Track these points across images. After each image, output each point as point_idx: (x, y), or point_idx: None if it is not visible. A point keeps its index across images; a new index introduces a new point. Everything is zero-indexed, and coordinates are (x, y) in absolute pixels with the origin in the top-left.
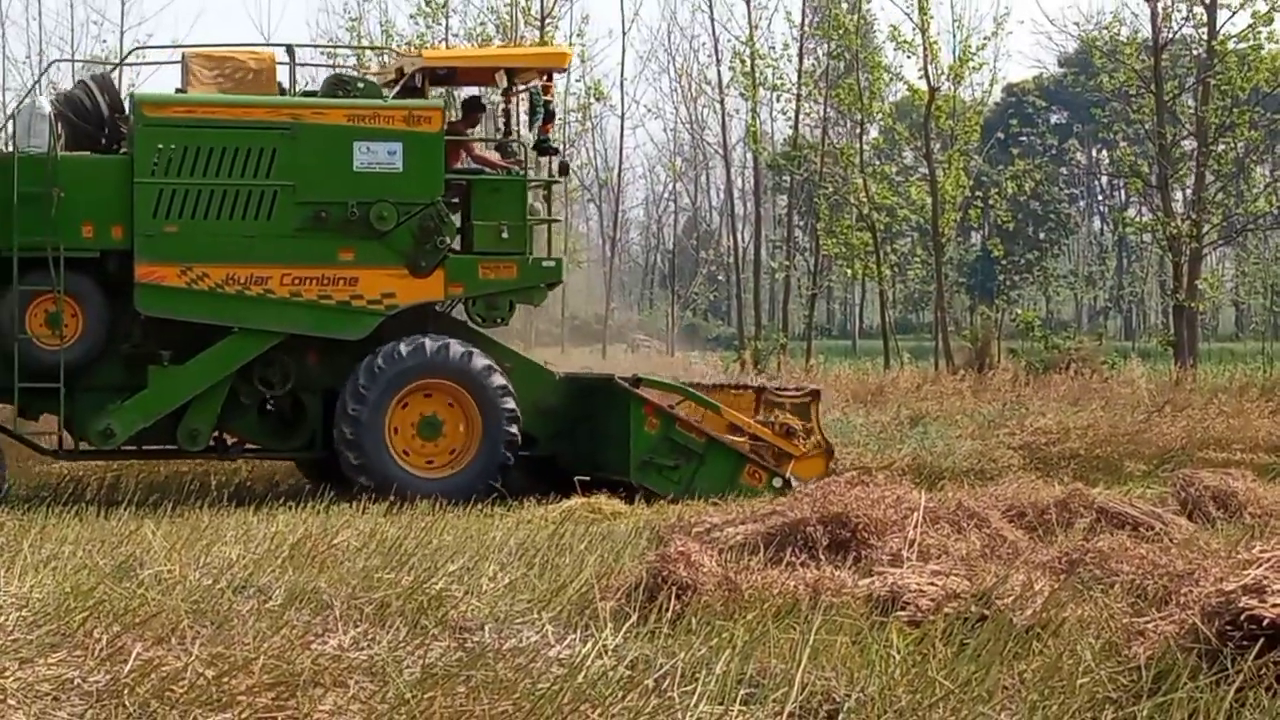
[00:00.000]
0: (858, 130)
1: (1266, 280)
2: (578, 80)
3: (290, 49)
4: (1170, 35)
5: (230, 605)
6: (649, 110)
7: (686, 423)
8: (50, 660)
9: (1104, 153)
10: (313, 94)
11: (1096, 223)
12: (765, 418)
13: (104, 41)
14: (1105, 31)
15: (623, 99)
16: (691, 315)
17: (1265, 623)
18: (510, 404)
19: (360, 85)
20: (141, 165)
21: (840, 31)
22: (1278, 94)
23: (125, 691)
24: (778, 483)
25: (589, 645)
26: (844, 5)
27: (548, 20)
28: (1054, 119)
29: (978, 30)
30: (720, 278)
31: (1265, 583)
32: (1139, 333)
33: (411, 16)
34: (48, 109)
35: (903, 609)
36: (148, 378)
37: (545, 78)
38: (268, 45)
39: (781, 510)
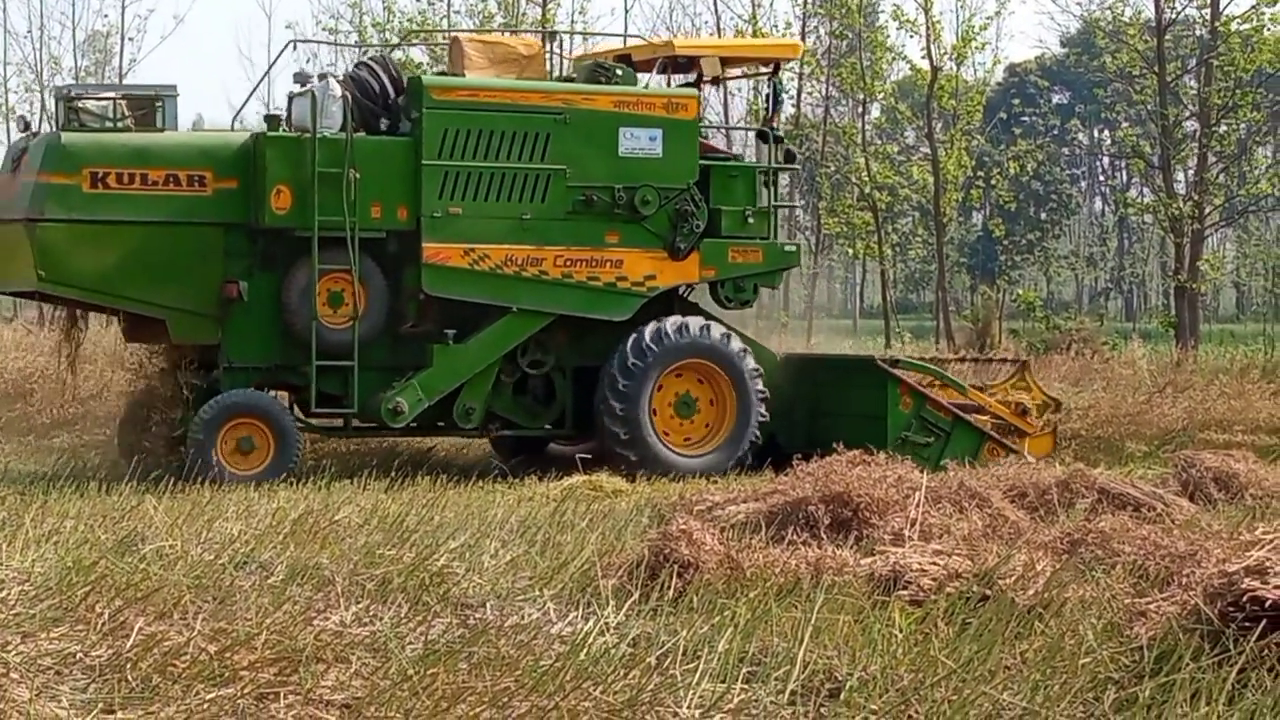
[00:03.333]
0: (860, 109)
1: (1268, 262)
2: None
3: (551, 35)
4: (1173, 16)
5: (232, 581)
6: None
7: (936, 401)
8: (52, 635)
9: (1106, 133)
10: (569, 80)
11: (1098, 203)
12: (1001, 397)
13: (105, 16)
14: (1108, 11)
15: None
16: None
17: (1268, 604)
18: (761, 385)
19: (618, 73)
20: (429, 147)
21: (843, 10)
22: None
23: (127, 666)
24: (1013, 459)
25: (591, 623)
26: None
27: None
28: (1056, 99)
29: (980, 10)
30: None
31: (1267, 564)
32: (1140, 314)
33: None
34: (339, 90)
35: (905, 588)
36: (430, 357)
37: (772, 68)
38: (531, 31)
39: (783, 489)
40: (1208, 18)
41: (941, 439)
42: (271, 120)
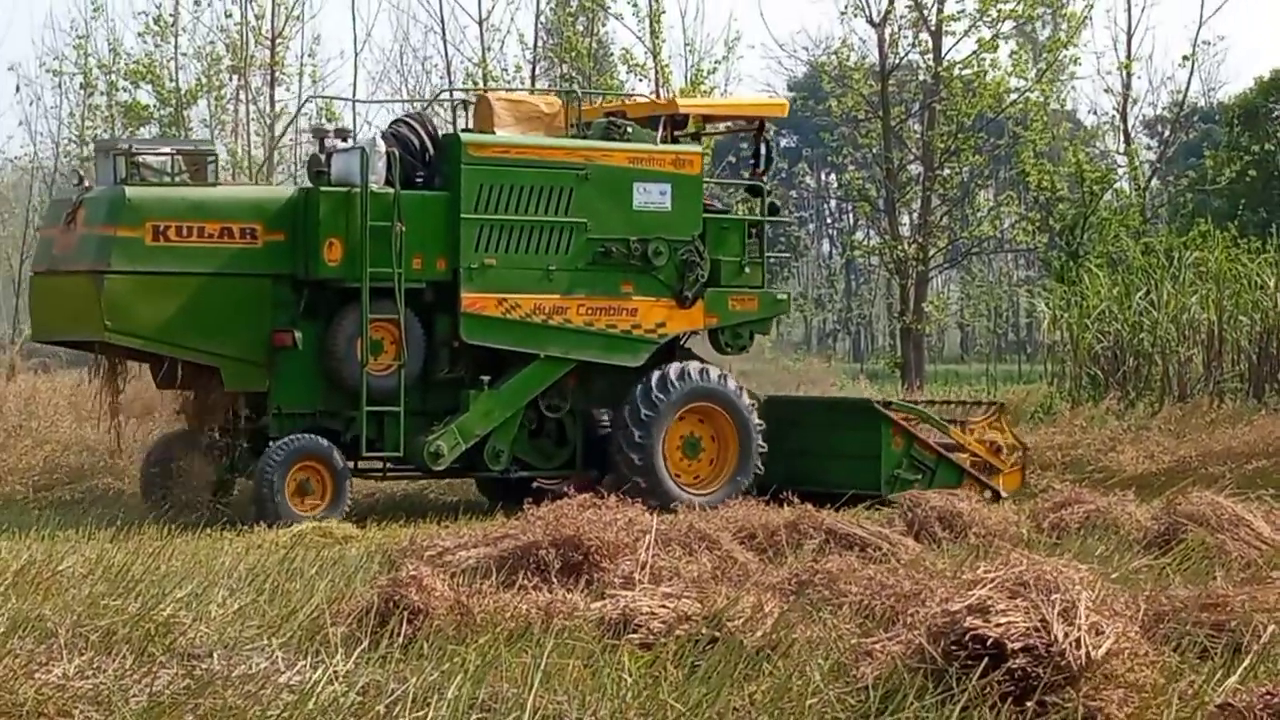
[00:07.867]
0: None
1: (990, 303)
2: (308, 100)
3: (573, 93)
4: (897, 61)
5: None
6: (380, 131)
7: (923, 441)
8: None
9: (833, 176)
10: (581, 136)
11: (826, 245)
12: (978, 435)
13: None
14: (834, 56)
15: (354, 120)
16: None
17: (989, 642)
18: (759, 421)
19: (629, 130)
20: (466, 201)
21: (573, 54)
22: (1001, 119)
23: None
24: (989, 495)
25: (320, 671)
26: (579, 28)
27: (279, 40)
28: (784, 143)
29: (710, 54)
30: None
31: (989, 603)
32: (867, 354)
33: (139, 34)
34: (383, 146)
35: (634, 631)
36: (465, 402)
37: (758, 125)
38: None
39: (514, 533)
40: (931, 63)
41: (927, 475)
42: (318, 176)
